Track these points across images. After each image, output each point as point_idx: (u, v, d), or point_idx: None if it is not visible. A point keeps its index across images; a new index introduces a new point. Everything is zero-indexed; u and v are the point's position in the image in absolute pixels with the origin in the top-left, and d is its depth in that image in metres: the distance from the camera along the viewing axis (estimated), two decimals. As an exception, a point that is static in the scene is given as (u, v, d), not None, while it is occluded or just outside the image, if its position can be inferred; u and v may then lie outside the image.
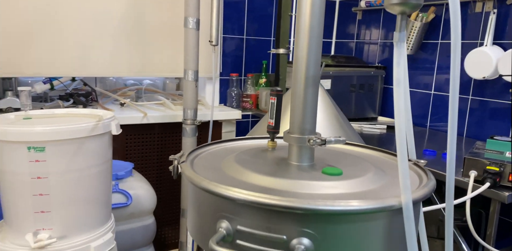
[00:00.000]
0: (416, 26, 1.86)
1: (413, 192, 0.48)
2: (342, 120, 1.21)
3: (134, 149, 2.00)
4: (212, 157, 0.60)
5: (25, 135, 1.09)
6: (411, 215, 0.43)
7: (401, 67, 0.44)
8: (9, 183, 1.14)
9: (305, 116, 0.55)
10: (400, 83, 0.45)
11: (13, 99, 1.77)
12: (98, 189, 1.25)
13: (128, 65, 2.03)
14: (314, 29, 0.51)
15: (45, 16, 1.79)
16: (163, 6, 2.03)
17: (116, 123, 1.27)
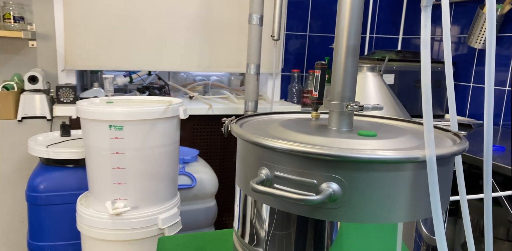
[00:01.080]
0: (488, 17, 1.76)
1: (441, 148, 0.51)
2: (397, 105, 1.22)
3: (200, 138, 2.15)
4: (260, 123, 0.67)
5: (107, 114, 1.26)
6: (434, 167, 0.46)
7: (427, 30, 0.48)
8: (94, 157, 1.32)
9: (345, 84, 0.60)
10: (427, 45, 0.48)
11: (98, 90, 2.01)
12: (166, 166, 1.39)
13: (198, 61, 2.19)
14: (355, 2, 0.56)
15: (125, 16, 2.01)
16: (230, 4, 2.17)
17: (184, 109, 1.40)
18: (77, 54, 1.97)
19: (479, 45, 1.86)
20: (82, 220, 1.36)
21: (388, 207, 0.48)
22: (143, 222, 1.33)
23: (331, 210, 0.48)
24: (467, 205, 0.64)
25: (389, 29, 2.49)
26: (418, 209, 0.51)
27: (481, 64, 1.98)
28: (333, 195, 0.47)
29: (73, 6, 1.92)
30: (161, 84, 2.29)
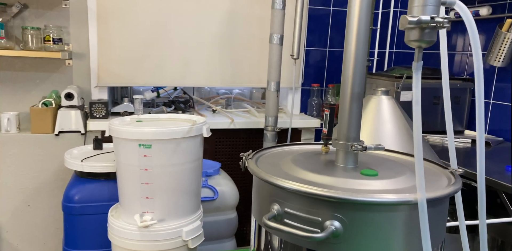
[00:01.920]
0: (509, 38, 1.79)
1: (433, 191, 0.57)
2: (411, 129, 1.27)
3: (222, 151, 2.25)
4: (274, 156, 0.75)
5: (137, 134, 1.36)
6: (424, 210, 0.52)
7: (418, 90, 0.54)
8: (124, 172, 1.43)
9: (350, 126, 0.67)
10: (419, 103, 0.54)
11: (128, 105, 2.14)
12: (190, 181, 1.49)
13: (221, 77, 2.29)
14: (359, 54, 0.63)
15: (153, 35, 2.13)
16: (252, 22, 2.26)
17: (207, 128, 1.49)
18: (109, 72, 2.11)
19: (498, 64, 1.87)
20: (113, 231, 1.47)
21: (384, 244, 0.55)
22: (168, 234, 1.42)
23: (334, 244, 0.55)
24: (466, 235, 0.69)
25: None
26: (412, 246, 0.57)
27: (501, 81, 1.99)
28: (335, 232, 0.54)
29: (106, 27, 2.06)
30: (186, 98, 2.40)
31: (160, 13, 2.12)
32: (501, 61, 1.86)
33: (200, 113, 2.32)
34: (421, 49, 0.56)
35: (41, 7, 1.97)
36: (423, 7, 0.53)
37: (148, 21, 2.11)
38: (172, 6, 2.13)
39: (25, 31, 1.89)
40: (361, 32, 0.64)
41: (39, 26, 1.94)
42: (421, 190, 0.52)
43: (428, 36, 0.55)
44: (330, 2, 2.39)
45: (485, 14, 1.98)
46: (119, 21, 2.07)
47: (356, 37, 0.63)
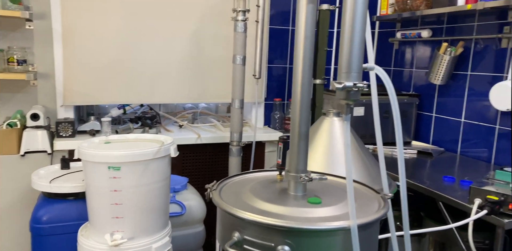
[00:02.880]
0: (445, 59, 1.99)
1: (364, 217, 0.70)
2: (361, 151, 1.41)
3: (189, 165, 2.32)
4: (236, 185, 0.85)
5: (106, 157, 1.42)
6: (356, 235, 0.64)
7: (348, 135, 0.66)
8: (94, 194, 1.48)
9: (299, 160, 0.79)
10: (349, 146, 0.66)
11: (94, 123, 2.17)
12: (159, 200, 1.56)
13: (188, 93, 2.37)
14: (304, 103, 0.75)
15: (120, 54, 2.19)
16: (217, 42, 2.36)
17: (174, 148, 1.57)
18: (75, 91, 2.14)
19: (438, 82, 2.08)
20: (83, 250, 1.51)
21: (327, 264, 0.66)
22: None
23: (285, 266, 0.66)
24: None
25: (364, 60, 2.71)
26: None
27: (442, 96, 2.21)
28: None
29: (72, 47, 2.09)
30: (153, 114, 2.46)
31: (127, 33, 2.18)
32: (440, 79, 2.06)
33: (167, 128, 2.38)
34: (349, 106, 0.68)
35: (5, 29, 1.98)
36: (348, 74, 0.65)
37: (115, 40, 2.16)
38: (140, 27, 2.19)
39: (-12, 53, 1.89)
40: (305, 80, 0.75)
41: (3, 47, 1.95)
42: (352, 218, 0.63)
43: (353, 96, 0.67)
44: (289, 22, 2.53)
45: (426, 36, 2.18)
46: (85, 41, 2.11)
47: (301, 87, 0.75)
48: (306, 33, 0.74)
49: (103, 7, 2.10)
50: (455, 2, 1.89)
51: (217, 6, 2.30)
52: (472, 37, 1.98)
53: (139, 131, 2.28)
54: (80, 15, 2.07)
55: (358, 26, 0.68)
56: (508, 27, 1.83)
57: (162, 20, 2.22)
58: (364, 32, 0.68)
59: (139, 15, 2.18)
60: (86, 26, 2.09)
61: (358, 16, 0.66)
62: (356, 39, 0.67)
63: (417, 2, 2.01)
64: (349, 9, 0.66)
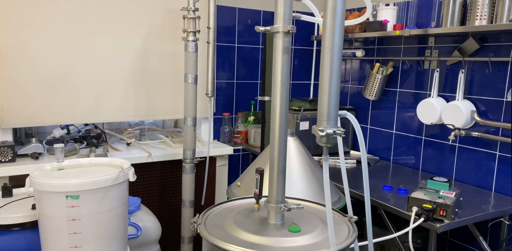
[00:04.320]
0: (378, 78, 2.22)
1: (339, 244, 0.80)
2: (313, 166, 1.53)
3: (140, 185, 2.29)
4: (217, 216, 0.91)
5: (63, 186, 1.38)
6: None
7: (326, 176, 0.76)
8: (48, 224, 1.42)
9: (278, 193, 0.87)
10: (328, 185, 0.76)
11: (37, 145, 2.05)
12: (118, 226, 1.54)
13: (135, 110, 2.33)
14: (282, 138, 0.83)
15: (61, 72, 2.09)
16: (164, 60, 2.36)
17: (133, 172, 1.57)
18: (13, 112, 2.01)
19: (372, 97, 2.30)
20: (39, 285, 1.44)
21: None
22: (100, 280, 1.46)
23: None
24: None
25: (303, 76, 2.89)
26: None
27: (375, 109, 2.45)
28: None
29: (6, 66, 1.96)
30: (98, 133, 2.39)
31: (68, 50, 2.09)
32: (374, 95, 2.29)
33: (114, 147, 2.33)
34: (328, 147, 0.78)
35: None
36: (327, 122, 0.75)
37: (55, 58, 2.07)
38: (82, 43, 2.12)
39: None
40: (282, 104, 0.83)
41: None
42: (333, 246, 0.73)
43: (332, 141, 0.77)
44: (235, 39, 2.61)
45: (360, 56, 2.41)
46: (22, 59, 2.00)
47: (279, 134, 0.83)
48: (282, 80, 0.83)
49: (40, 24, 2.00)
50: (385, 28, 2.11)
51: (163, 23, 2.30)
52: (399, 58, 2.23)
53: (86, 151, 2.20)
54: (16, 32, 1.96)
55: (335, 80, 0.78)
56: (429, 51, 2.10)
57: (106, 37, 2.18)
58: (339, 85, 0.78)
59: (81, 32, 2.11)
60: (24, 42, 1.98)
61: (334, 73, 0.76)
62: (333, 92, 0.76)
63: (352, 26, 2.22)
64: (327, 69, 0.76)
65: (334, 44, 0.78)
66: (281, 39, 0.87)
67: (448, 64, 2.00)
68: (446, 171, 2.08)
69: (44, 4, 2.00)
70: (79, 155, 2.15)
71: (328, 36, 0.77)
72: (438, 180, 1.60)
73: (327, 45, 0.78)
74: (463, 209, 1.61)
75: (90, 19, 2.12)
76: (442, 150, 2.08)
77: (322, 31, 0.79)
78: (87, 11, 2.11)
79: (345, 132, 2.52)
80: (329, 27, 0.76)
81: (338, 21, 0.74)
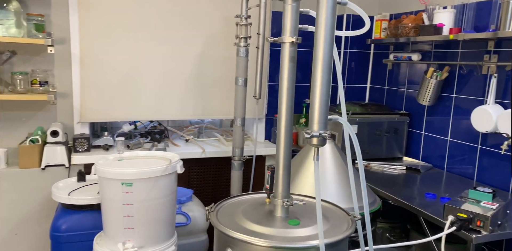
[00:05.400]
0: (432, 83, 2.15)
1: (332, 237, 0.86)
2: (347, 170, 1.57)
3: (194, 178, 2.50)
4: (231, 207, 1.03)
5: (120, 174, 1.60)
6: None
7: (318, 176, 0.82)
8: (108, 206, 1.66)
9: (283, 188, 0.95)
10: (319, 185, 0.82)
11: (108, 138, 2.36)
12: (166, 212, 1.73)
13: (192, 110, 2.55)
14: (287, 137, 0.91)
15: (130, 74, 2.37)
16: (219, 62, 2.54)
17: (180, 165, 1.74)
18: (90, 109, 2.33)
19: (426, 103, 2.23)
20: (98, 258, 1.69)
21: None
22: (147, 259, 1.66)
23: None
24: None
25: (359, 79, 2.88)
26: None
27: (430, 115, 2.36)
28: (268, 268, 0.82)
29: (87, 69, 2.29)
30: (161, 129, 2.65)
31: (136, 55, 2.37)
32: (428, 101, 2.22)
33: (174, 143, 2.56)
34: (318, 148, 0.85)
35: (29, 53, 2.18)
36: (318, 125, 0.82)
37: (126, 62, 2.35)
38: (147, 49, 2.39)
39: (14, 76, 2.09)
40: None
41: (27, 70, 2.15)
42: (320, 239, 0.79)
43: (321, 142, 0.83)
44: (289, 44, 2.70)
45: (416, 60, 2.34)
46: (99, 63, 2.31)
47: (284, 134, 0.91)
48: (288, 86, 0.91)
49: (115, 33, 2.30)
50: (440, 31, 2.05)
51: (220, 30, 2.48)
52: (456, 63, 2.13)
53: (149, 145, 2.46)
54: (95, 40, 2.27)
55: (325, 86, 0.85)
56: (488, 56, 1.98)
57: (168, 43, 2.41)
58: (329, 92, 0.85)
59: (148, 39, 2.37)
60: (100, 50, 2.29)
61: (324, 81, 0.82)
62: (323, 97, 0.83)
63: (406, 29, 2.17)
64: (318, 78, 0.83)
65: (325, 55, 0.84)
66: (287, 49, 0.95)
67: (508, 70, 1.88)
68: (502, 183, 1.95)
69: (116, 17, 2.29)
70: (143, 148, 2.41)
71: (320, 48, 0.83)
72: (481, 190, 1.53)
73: (319, 57, 0.85)
74: (510, 222, 1.53)
75: (155, 29, 2.38)
76: (499, 160, 1.95)
77: (314, 43, 0.86)
78: (153, 21, 2.36)
79: (397, 138, 2.48)
80: (320, 40, 0.82)
81: (327, 35, 0.81)
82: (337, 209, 1.03)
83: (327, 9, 0.80)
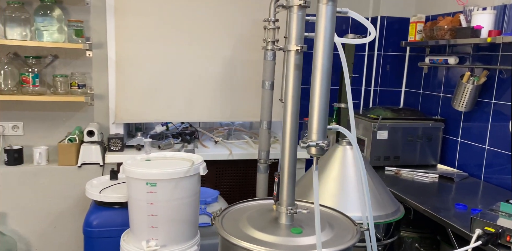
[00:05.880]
0: (468, 88, 2.04)
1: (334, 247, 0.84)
2: (370, 176, 1.53)
3: (222, 179, 2.54)
4: (238, 212, 1.04)
5: (145, 174, 1.66)
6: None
7: (316, 185, 0.81)
8: (134, 205, 1.73)
9: (288, 196, 0.95)
10: (317, 195, 0.81)
11: (140, 139, 2.45)
12: (189, 213, 1.77)
13: (220, 112, 2.59)
14: (292, 143, 0.91)
15: (162, 78, 2.45)
16: (248, 66, 2.56)
17: (203, 167, 1.78)
18: (124, 110, 2.44)
19: (462, 109, 2.12)
20: (124, 253, 1.76)
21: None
22: (169, 257, 1.71)
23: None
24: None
25: (394, 83, 2.78)
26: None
27: (467, 122, 2.24)
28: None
29: (122, 72, 2.39)
30: (192, 130, 2.71)
31: (168, 58, 2.44)
32: (464, 106, 2.10)
33: (204, 144, 2.62)
34: (318, 158, 0.83)
35: (69, 57, 2.32)
36: (317, 134, 0.80)
37: (158, 66, 2.44)
38: (179, 53, 2.45)
39: (55, 78, 2.24)
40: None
41: (67, 73, 2.29)
42: (319, 249, 0.78)
43: (320, 152, 0.82)
44: (320, 46, 2.67)
45: (453, 63, 2.23)
46: (133, 66, 2.41)
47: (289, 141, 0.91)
48: (293, 94, 0.91)
49: (148, 38, 2.38)
50: (478, 34, 1.93)
51: (248, 34, 2.50)
52: (496, 67, 2.00)
53: (178, 146, 2.53)
54: (129, 44, 2.37)
55: (324, 96, 0.83)
56: (531, 59, 1.85)
57: (199, 47, 2.46)
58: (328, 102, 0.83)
59: (179, 43, 2.44)
60: (134, 54, 2.39)
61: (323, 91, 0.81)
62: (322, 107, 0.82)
63: (442, 32, 2.08)
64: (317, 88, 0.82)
65: (324, 64, 0.82)
66: (293, 57, 0.94)
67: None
68: (544, 196, 1.81)
69: (149, 22, 2.37)
70: (173, 148, 2.49)
71: (319, 58, 0.82)
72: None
73: (318, 66, 0.83)
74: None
75: (186, 33, 2.44)
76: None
77: (313, 52, 0.84)
78: (184, 26, 2.42)
79: (431, 144, 2.37)
80: (319, 50, 0.81)
81: (326, 45, 0.79)
82: (344, 217, 1.01)
83: (326, 19, 0.79)
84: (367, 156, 2.29)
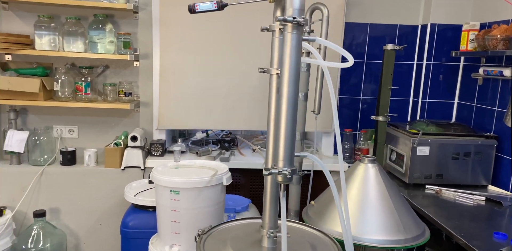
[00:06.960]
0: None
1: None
2: (392, 197, 1.44)
3: (256, 188, 2.55)
4: (224, 232, 1.04)
5: (169, 182, 1.74)
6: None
7: (284, 211, 0.78)
8: (161, 211, 1.81)
9: (270, 218, 0.93)
10: (284, 219, 0.79)
11: (181, 144, 2.56)
12: (211, 221, 1.80)
13: (257, 121, 2.60)
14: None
15: (202, 88, 2.54)
16: (289, 75, 2.54)
17: (227, 177, 1.81)
18: (167, 117, 2.57)
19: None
20: (151, 256, 1.86)
21: None
22: (190, 264, 1.76)
23: None
24: None
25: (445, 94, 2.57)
26: None
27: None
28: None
29: (166, 81, 2.52)
30: (231, 138, 2.77)
31: (208, 68, 2.52)
32: None
33: (242, 152, 2.66)
34: (284, 185, 0.81)
35: (118, 67, 2.51)
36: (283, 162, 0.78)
37: (199, 75, 2.53)
38: (219, 64, 2.52)
39: (105, 87, 2.43)
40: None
41: (116, 82, 2.47)
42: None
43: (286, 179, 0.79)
44: (364, 55, 2.57)
45: (508, 75, 2.00)
46: (176, 77, 2.52)
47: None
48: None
49: (190, 49, 2.48)
50: (534, 43, 1.72)
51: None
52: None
53: (216, 153, 2.59)
54: (173, 56, 2.49)
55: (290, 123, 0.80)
56: None
57: (238, 58, 2.51)
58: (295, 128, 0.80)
59: (220, 55, 2.50)
60: (177, 64, 2.50)
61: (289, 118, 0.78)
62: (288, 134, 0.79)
63: (494, 42, 1.88)
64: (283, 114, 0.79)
65: (289, 92, 0.79)
66: (274, 81, 0.92)
67: None
68: None
69: (191, 33, 2.47)
70: (210, 155, 2.56)
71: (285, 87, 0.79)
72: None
73: (284, 94, 0.80)
74: None
75: (226, 44, 2.50)
76: None
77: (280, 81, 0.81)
78: (223, 37, 2.48)
79: (482, 164, 2.14)
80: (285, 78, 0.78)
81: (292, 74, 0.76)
82: (326, 237, 0.95)
83: (291, 47, 0.76)
84: (405, 172, 2.15)
